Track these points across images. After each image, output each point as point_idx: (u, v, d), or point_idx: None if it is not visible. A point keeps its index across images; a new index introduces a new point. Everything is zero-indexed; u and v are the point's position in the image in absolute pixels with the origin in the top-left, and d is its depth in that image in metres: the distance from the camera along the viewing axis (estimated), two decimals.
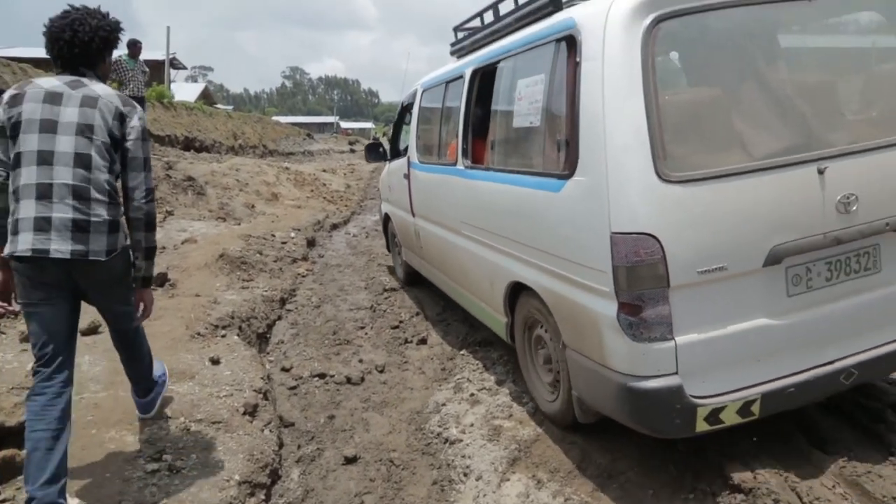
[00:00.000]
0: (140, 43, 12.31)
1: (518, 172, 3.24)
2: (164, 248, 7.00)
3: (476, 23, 4.36)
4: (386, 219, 6.87)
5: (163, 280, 5.68)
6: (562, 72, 2.80)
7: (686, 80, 2.94)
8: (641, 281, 2.39)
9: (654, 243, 2.36)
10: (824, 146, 2.60)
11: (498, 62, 3.67)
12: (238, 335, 4.70)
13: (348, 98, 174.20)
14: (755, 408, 2.52)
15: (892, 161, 2.69)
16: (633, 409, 2.54)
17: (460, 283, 4.51)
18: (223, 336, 4.56)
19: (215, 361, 4.02)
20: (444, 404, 3.79)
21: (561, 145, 2.77)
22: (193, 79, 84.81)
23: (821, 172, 2.53)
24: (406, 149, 5.72)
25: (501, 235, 3.47)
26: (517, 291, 3.44)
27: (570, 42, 2.74)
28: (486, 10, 4.03)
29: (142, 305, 2.75)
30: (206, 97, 45.06)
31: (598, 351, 2.63)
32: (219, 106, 46.12)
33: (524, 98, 3.24)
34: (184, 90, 41.48)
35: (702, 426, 2.47)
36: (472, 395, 3.81)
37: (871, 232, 2.64)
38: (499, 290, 3.60)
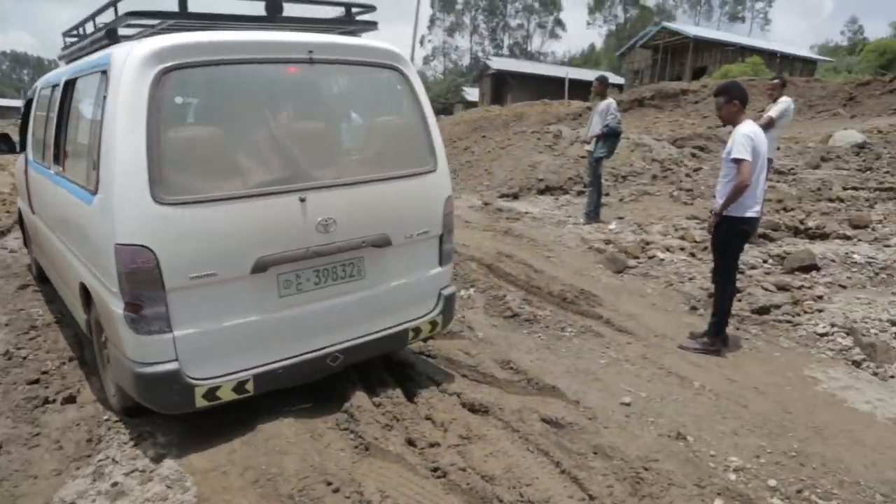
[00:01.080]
0: None
1: (76, 183, 3.51)
2: None
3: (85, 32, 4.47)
4: (20, 214, 6.56)
5: None
6: (100, 100, 3.12)
7: (190, 120, 3.38)
8: (139, 284, 2.84)
9: (149, 253, 2.81)
10: (307, 180, 3.22)
11: (78, 78, 3.90)
12: None
13: None
14: (249, 386, 3.12)
15: (367, 193, 3.42)
16: (142, 391, 3.02)
17: (62, 281, 4.59)
18: None
19: None
20: (73, 503, 2.83)
21: (94, 165, 3.08)
22: None
23: (303, 200, 3.15)
24: None
25: (72, 238, 3.75)
26: (88, 291, 3.63)
27: (105, 76, 3.09)
28: (80, 24, 4.39)
29: None
30: None
31: (119, 343, 3.05)
32: None
33: (82, 116, 3.68)
34: None
35: (201, 402, 3.02)
36: (115, 483, 2.95)
37: (349, 247, 3.33)
38: (76, 289, 3.80)
